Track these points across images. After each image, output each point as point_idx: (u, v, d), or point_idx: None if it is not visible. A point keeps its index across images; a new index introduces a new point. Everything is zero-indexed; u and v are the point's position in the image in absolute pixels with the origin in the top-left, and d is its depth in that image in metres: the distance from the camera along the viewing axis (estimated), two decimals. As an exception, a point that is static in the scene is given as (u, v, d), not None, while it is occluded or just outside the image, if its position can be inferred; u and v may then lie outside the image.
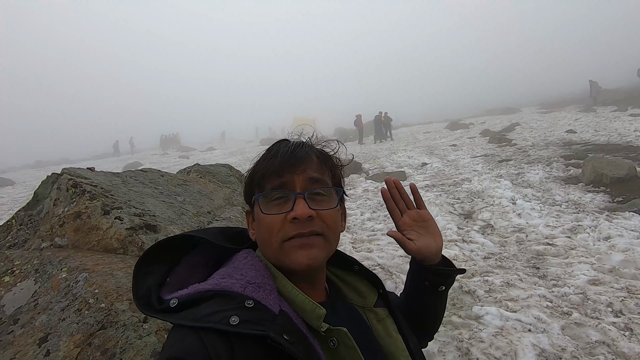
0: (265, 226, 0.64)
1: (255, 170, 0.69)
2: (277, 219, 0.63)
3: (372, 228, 5.47)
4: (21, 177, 20.75)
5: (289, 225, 0.63)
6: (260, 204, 0.65)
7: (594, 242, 3.99)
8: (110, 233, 1.42)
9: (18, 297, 1.18)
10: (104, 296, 1.11)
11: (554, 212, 5.09)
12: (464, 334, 2.67)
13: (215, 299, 0.57)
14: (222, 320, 0.53)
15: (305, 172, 0.66)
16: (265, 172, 0.66)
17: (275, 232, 0.63)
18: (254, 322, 0.54)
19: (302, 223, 0.63)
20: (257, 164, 0.70)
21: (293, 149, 0.68)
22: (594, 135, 11.47)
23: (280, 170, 0.65)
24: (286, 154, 0.67)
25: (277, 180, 0.66)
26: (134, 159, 24.96)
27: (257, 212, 0.67)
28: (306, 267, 0.63)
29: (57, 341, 1.02)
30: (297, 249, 0.63)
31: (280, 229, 0.63)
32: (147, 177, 2.06)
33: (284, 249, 0.63)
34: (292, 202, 0.64)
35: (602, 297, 2.88)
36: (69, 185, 1.54)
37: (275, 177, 0.66)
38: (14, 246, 1.52)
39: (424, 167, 10.11)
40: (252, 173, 0.70)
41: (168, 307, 0.56)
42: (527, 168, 8.07)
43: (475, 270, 3.66)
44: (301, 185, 0.66)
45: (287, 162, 0.66)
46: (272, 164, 0.66)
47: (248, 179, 0.71)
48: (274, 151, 0.69)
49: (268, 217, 0.64)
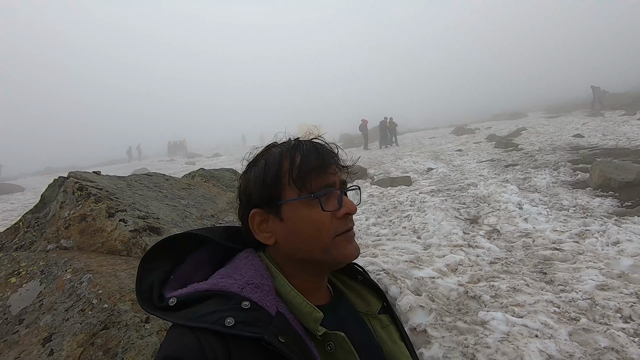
0: (314, 224, 0.63)
1: (292, 167, 0.65)
2: (326, 215, 0.64)
3: (377, 233, 5.45)
4: (31, 184, 21.04)
5: (338, 222, 0.65)
6: (322, 202, 0.64)
7: (602, 247, 3.93)
8: (115, 235, 1.44)
9: (24, 298, 1.20)
10: (107, 297, 1.12)
11: (561, 217, 5.03)
12: (470, 339, 2.64)
13: (212, 298, 0.57)
14: (218, 321, 0.53)
15: (338, 171, 0.68)
16: (310, 168, 0.64)
17: (326, 229, 0.63)
18: (250, 323, 0.54)
19: (350, 218, 0.66)
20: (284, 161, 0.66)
21: (323, 147, 0.69)
22: (602, 139, 11.35)
23: (325, 167, 0.66)
24: (326, 152, 0.67)
25: (323, 178, 0.65)
26: (141, 165, 25.21)
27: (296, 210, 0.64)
28: (355, 257, 0.67)
29: (61, 341, 1.03)
30: (347, 243, 0.65)
31: (330, 225, 0.64)
32: (152, 181, 2.08)
33: (336, 243, 0.64)
34: (336, 198, 0.66)
35: (611, 303, 2.83)
36: (75, 188, 1.57)
37: (322, 175, 0.65)
38: (21, 248, 1.54)
39: (429, 172, 10.07)
40: (278, 170, 0.65)
41: (167, 306, 0.57)
42: (533, 173, 8.00)
43: (481, 276, 3.62)
44: (339, 182, 0.67)
45: (330, 160, 0.67)
46: (315, 161, 0.65)
47: (272, 177, 0.65)
48: (308, 149, 0.67)
49: (318, 214, 0.63)
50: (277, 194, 0.65)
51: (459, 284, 3.44)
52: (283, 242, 0.66)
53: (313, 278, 0.69)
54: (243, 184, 0.70)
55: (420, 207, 6.36)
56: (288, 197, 0.64)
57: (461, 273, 3.74)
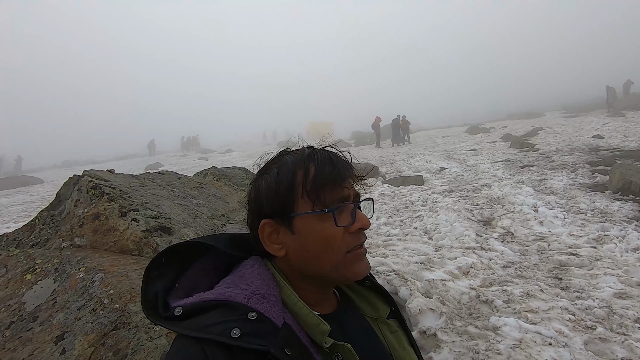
0: (326, 239, 0.62)
1: (296, 181, 0.63)
2: (339, 230, 0.62)
3: (388, 233, 5.41)
4: (50, 176, 21.64)
5: (351, 236, 0.63)
6: (336, 217, 0.62)
7: (621, 253, 3.81)
8: (127, 234, 1.45)
9: (38, 295, 1.22)
10: (118, 297, 1.13)
11: (578, 221, 4.89)
12: (481, 345, 2.59)
13: (218, 309, 0.57)
14: (224, 332, 0.52)
15: (352, 183, 0.67)
16: (325, 181, 0.63)
17: (338, 244, 0.62)
18: (256, 335, 0.53)
19: (362, 233, 0.65)
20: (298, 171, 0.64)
21: (338, 158, 0.67)
22: (623, 140, 11.00)
23: (341, 180, 0.64)
24: (341, 163, 0.65)
25: (338, 192, 0.63)
26: (155, 160, 25.64)
27: (309, 224, 0.62)
28: (364, 276, 0.65)
29: (73, 340, 1.04)
30: (358, 260, 0.64)
31: (341, 240, 0.62)
32: (165, 180, 2.10)
33: (346, 260, 0.63)
34: (350, 212, 0.64)
35: (629, 312, 2.75)
36: (89, 187, 1.60)
37: (337, 188, 0.63)
38: (37, 245, 1.58)
39: (442, 171, 9.94)
40: (292, 181, 0.63)
41: (173, 315, 0.56)
42: (550, 174, 7.81)
43: (494, 279, 3.56)
44: (353, 194, 0.66)
45: (343, 173, 0.64)
46: (330, 173, 0.63)
47: (286, 187, 0.63)
48: (322, 159, 0.64)
49: (330, 229, 0.62)
50: (289, 206, 0.63)
51: (471, 288, 3.39)
52: (293, 254, 0.64)
53: (320, 290, 0.68)
54: (254, 192, 0.68)
55: (432, 207, 6.29)
56: (301, 210, 0.62)
57: (473, 276, 3.68)
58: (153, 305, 0.58)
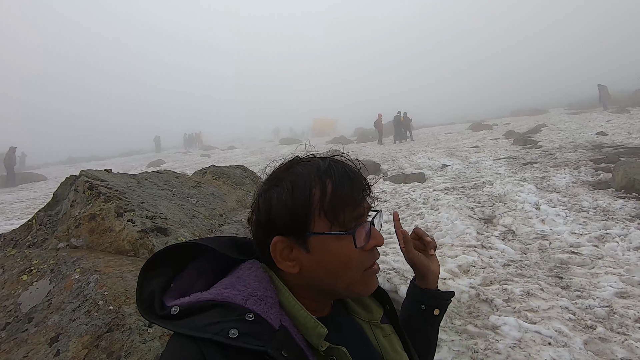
0: (343, 259, 0.61)
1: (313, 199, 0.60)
2: (356, 250, 0.61)
3: (389, 231, 5.39)
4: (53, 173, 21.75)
5: (366, 255, 0.63)
6: (356, 239, 0.61)
7: (623, 252, 3.78)
8: (123, 235, 1.45)
9: (34, 296, 1.23)
10: (112, 298, 1.13)
11: (580, 219, 4.87)
12: (480, 344, 2.59)
13: (216, 309, 0.57)
14: (221, 332, 0.52)
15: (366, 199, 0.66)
16: (341, 201, 0.61)
17: (355, 264, 0.62)
18: (253, 336, 0.53)
19: (376, 250, 0.65)
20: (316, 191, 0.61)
21: (355, 173, 0.65)
22: (627, 137, 10.91)
23: (358, 200, 0.62)
24: (357, 179, 0.64)
25: (355, 210, 0.62)
26: (158, 156, 25.72)
27: (326, 244, 0.61)
28: (373, 290, 0.67)
29: (67, 341, 1.05)
30: (372, 278, 0.65)
31: (358, 259, 0.62)
32: (162, 179, 2.10)
33: (364, 278, 0.63)
34: (364, 230, 0.63)
35: (630, 312, 2.73)
36: (85, 187, 1.60)
37: (355, 207, 0.62)
38: (33, 245, 1.58)
39: (444, 168, 9.90)
40: (307, 201, 0.60)
41: (169, 314, 0.56)
42: (553, 172, 7.76)
43: (494, 278, 3.55)
44: (367, 209, 0.65)
45: (361, 192, 0.63)
46: (347, 192, 0.61)
47: (302, 208, 0.60)
48: (336, 177, 0.62)
49: (348, 249, 0.61)
50: (305, 225, 0.60)
51: (471, 286, 3.38)
52: (307, 272, 0.63)
53: (321, 299, 0.68)
54: (264, 205, 0.63)
55: (433, 205, 6.27)
56: (318, 229, 0.60)
57: (473, 275, 3.67)
58: (149, 304, 0.58)
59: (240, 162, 17.54)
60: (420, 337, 0.86)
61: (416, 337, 0.85)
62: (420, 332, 0.87)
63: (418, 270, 0.85)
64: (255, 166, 15.00)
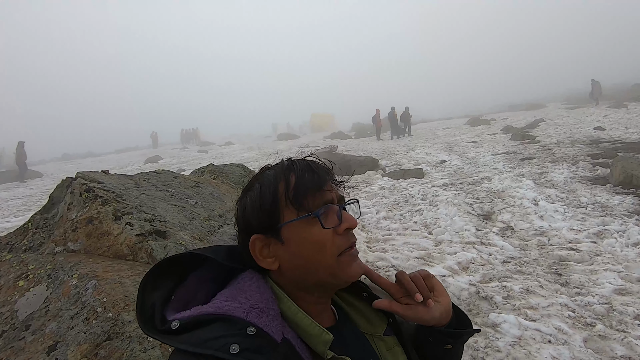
0: (317, 244, 0.62)
1: (279, 193, 0.63)
2: (327, 233, 0.62)
3: (388, 227, 5.39)
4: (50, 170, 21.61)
5: (340, 238, 0.63)
6: (322, 219, 0.62)
7: (621, 248, 3.80)
8: (121, 239, 1.43)
9: (31, 303, 1.20)
10: (111, 305, 1.11)
11: (578, 215, 4.88)
12: (480, 342, 2.59)
13: (217, 323, 0.55)
14: (223, 347, 0.51)
15: (334, 187, 0.67)
16: (305, 189, 0.63)
17: (329, 247, 0.62)
18: (255, 350, 0.52)
19: (352, 233, 0.65)
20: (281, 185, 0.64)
21: (317, 164, 0.67)
22: (625, 132, 10.94)
23: (321, 185, 0.64)
24: (321, 170, 0.66)
25: (320, 196, 0.64)
26: (155, 152, 25.58)
27: (299, 231, 0.62)
28: (359, 276, 0.65)
29: (65, 350, 1.03)
30: (351, 262, 0.64)
31: (332, 243, 0.62)
32: (160, 180, 2.07)
33: (341, 263, 0.63)
34: (336, 214, 0.64)
35: (630, 309, 2.74)
36: (82, 189, 1.57)
37: (319, 193, 0.64)
38: (30, 249, 1.55)
39: (442, 164, 9.90)
40: (274, 194, 0.63)
41: (169, 329, 0.55)
42: (551, 167, 7.77)
43: (494, 275, 3.55)
44: (337, 197, 0.66)
45: (325, 177, 0.66)
46: (310, 181, 0.64)
47: (269, 202, 0.63)
48: (302, 168, 0.65)
49: (319, 233, 0.62)
50: (275, 218, 0.63)
51: (470, 284, 3.39)
52: (287, 265, 0.64)
53: (319, 300, 0.67)
54: (240, 211, 0.68)
55: (432, 201, 6.27)
56: (287, 219, 0.63)
57: (473, 272, 3.68)
58: (149, 318, 0.57)
59: (237, 157, 17.49)
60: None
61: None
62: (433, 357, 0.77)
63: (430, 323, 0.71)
64: (253, 162, 14.96)
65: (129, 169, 17.77)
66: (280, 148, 21.07)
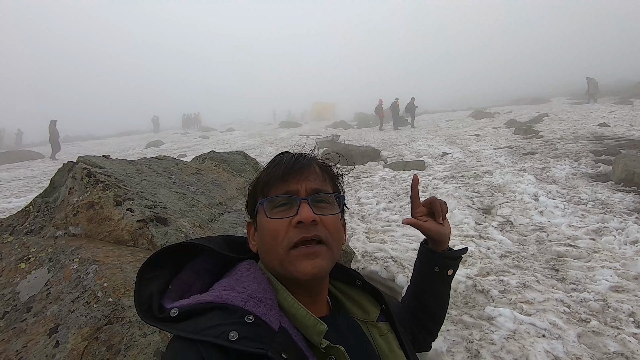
0: (270, 232, 0.64)
1: (259, 179, 0.70)
2: (282, 224, 0.64)
3: (387, 218, 5.41)
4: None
5: (294, 231, 0.63)
6: (265, 209, 0.65)
7: (619, 246, 3.81)
8: (122, 225, 1.44)
9: (32, 285, 1.22)
10: (112, 290, 1.12)
11: (578, 212, 4.88)
12: (475, 334, 2.62)
13: (215, 311, 0.57)
14: (221, 335, 0.52)
15: (308, 180, 0.67)
16: (270, 179, 0.68)
17: (281, 239, 0.63)
18: (253, 338, 0.53)
19: (306, 227, 0.63)
20: (261, 173, 0.71)
21: (296, 158, 0.69)
22: (629, 129, 10.86)
23: (284, 177, 0.66)
24: (289, 162, 0.68)
25: (282, 187, 0.66)
26: (156, 137, 25.50)
27: (260, 219, 0.68)
28: (312, 276, 0.63)
29: (66, 333, 1.04)
30: (302, 259, 0.62)
31: (285, 235, 0.63)
32: (162, 166, 2.07)
33: (290, 257, 0.63)
34: (296, 207, 0.65)
35: (624, 306, 2.76)
36: (83, 174, 1.57)
37: (280, 183, 0.66)
38: (31, 232, 1.56)
39: (444, 157, 9.87)
40: (256, 182, 0.71)
41: (168, 317, 0.56)
42: (553, 162, 7.75)
43: (491, 269, 3.58)
44: (304, 192, 0.67)
45: (291, 169, 0.67)
46: (276, 171, 0.68)
47: (251, 189, 0.72)
48: (277, 160, 0.70)
49: (272, 222, 0.64)
50: (254, 202, 0.71)
51: (468, 277, 3.41)
52: (259, 250, 0.69)
53: (314, 295, 0.68)
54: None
55: (432, 193, 6.27)
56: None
57: (470, 265, 3.70)
58: (147, 307, 0.58)
59: (239, 144, 17.44)
60: (434, 295, 0.91)
61: (430, 295, 0.91)
62: (434, 291, 0.91)
63: (430, 237, 0.88)
64: (254, 149, 14.93)
65: (130, 152, 17.75)
66: (281, 136, 21.00)
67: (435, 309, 0.93)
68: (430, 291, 0.91)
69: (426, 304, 0.91)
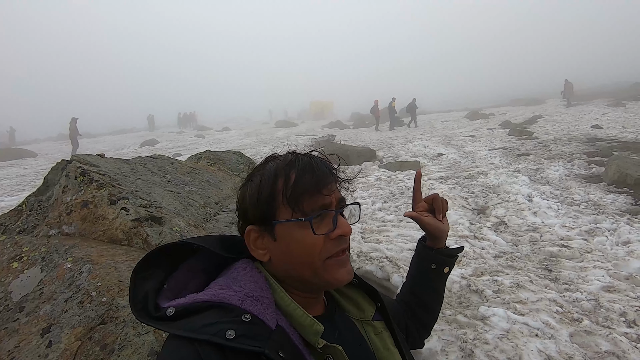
0: (307, 246, 0.62)
1: (277, 189, 0.63)
2: (320, 239, 0.63)
3: (383, 219, 5.42)
4: (44, 149, 21.39)
5: (332, 243, 0.64)
6: (313, 225, 0.62)
7: (611, 247, 3.85)
8: (116, 224, 1.43)
9: (25, 285, 1.21)
10: (105, 290, 1.12)
11: (571, 212, 4.92)
12: (469, 334, 2.64)
13: (212, 310, 0.57)
14: (219, 333, 0.52)
15: (335, 189, 0.67)
16: (303, 190, 0.62)
17: (318, 252, 0.62)
18: (250, 337, 0.53)
19: (344, 239, 0.65)
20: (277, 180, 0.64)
21: (320, 163, 0.66)
22: (622, 131, 10.98)
23: (320, 188, 0.63)
24: (319, 170, 0.64)
25: (318, 199, 0.63)
26: (151, 136, 25.35)
27: (291, 232, 0.63)
28: (346, 282, 0.66)
29: (59, 332, 1.03)
30: (339, 267, 0.64)
31: (322, 246, 0.63)
32: (157, 165, 2.05)
33: (326, 266, 0.63)
34: (331, 219, 0.64)
35: (616, 306, 2.80)
36: (77, 173, 1.55)
37: (318, 196, 0.63)
38: (24, 231, 1.55)
39: (439, 157, 9.91)
40: (272, 191, 0.63)
41: (164, 316, 0.56)
42: (546, 164, 7.81)
43: (485, 269, 3.60)
44: (335, 201, 0.66)
45: (323, 180, 0.64)
46: (309, 182, 0.63)
47: (266, 198, 0.64)
48: (299, 167, 0.64)
49: (311, 238, 0.62)
50: (271, 213, 0.64)
51: (462, 277, 3.43)
52: (276, 260, 0.65)
53: (308, 294, 0.68)
54: (240, 199, 0.69)
55: (428, 193, 6.26)
56: (282, 218, 0.63)
57: (465, 265, 3.72)
58: (143, 306, 0.58)
59: (234, 144, 17.38)
60: (431, 291, 0.94)
61: (426, 291, 0.93)
62: (430, 288, 0.93)
63: (429, 233, 0.89)
64: (250, 149, 14.89)
65: (125, 151, 17.63)
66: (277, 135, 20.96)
67: (431, 303, 0.95)
68: (426, 286, 0.93)
69: (422, 298, 0.94)
